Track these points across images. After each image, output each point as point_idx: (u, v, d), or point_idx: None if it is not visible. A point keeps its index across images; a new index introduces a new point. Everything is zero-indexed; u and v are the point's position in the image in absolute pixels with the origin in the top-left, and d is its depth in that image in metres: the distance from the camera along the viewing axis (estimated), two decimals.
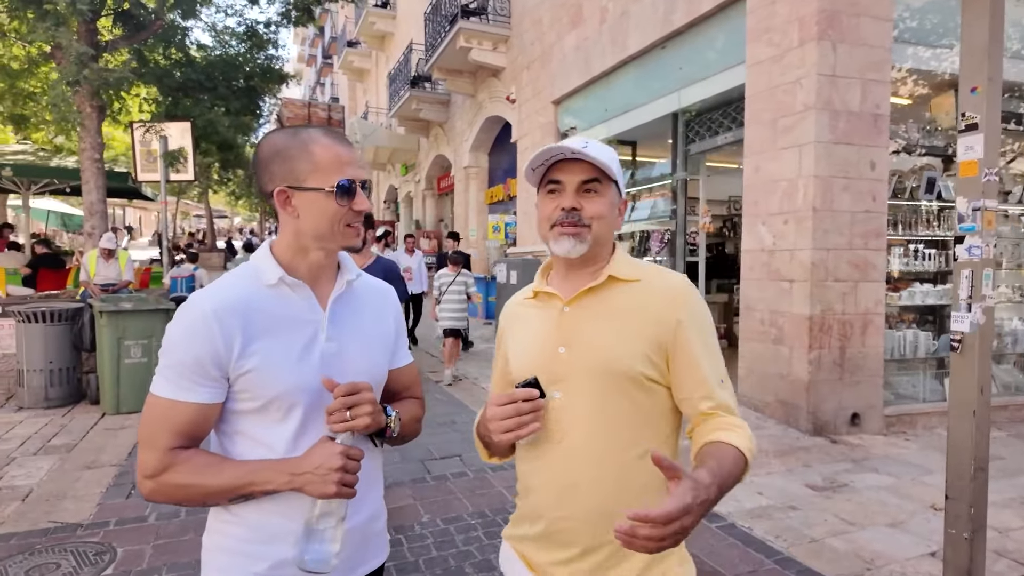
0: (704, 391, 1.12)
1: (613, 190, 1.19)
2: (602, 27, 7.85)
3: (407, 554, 3.00)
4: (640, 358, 1.12)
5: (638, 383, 1.12)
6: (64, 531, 3.21)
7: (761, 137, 5.28)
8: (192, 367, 1.05)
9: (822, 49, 4.71)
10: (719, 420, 1.10)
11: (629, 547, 0.86)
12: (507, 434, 1.08)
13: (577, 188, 1.15)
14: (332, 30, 32.16)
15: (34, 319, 5.60)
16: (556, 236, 1.16)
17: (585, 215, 1.15)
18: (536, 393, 1.08)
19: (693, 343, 1.13)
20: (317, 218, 1.12)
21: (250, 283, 1.13)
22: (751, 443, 1.08)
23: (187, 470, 1.06)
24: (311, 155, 1.11)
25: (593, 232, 1.16)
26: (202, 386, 1.06)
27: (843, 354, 4.88)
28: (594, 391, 1.13)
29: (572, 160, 1.15)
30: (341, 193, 1.11)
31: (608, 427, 1.13)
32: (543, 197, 1.20)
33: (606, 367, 1.12)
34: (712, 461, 1.00)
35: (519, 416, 1.07)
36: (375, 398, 1.13)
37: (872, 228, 4.94)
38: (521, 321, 1.28)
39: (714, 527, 3.29)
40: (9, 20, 8.58)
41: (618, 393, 1.12)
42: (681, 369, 1.13)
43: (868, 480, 3.97)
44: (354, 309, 1.22)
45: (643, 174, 8.25)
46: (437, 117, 15.02)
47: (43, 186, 11.91)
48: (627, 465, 1.12)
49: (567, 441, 1.14)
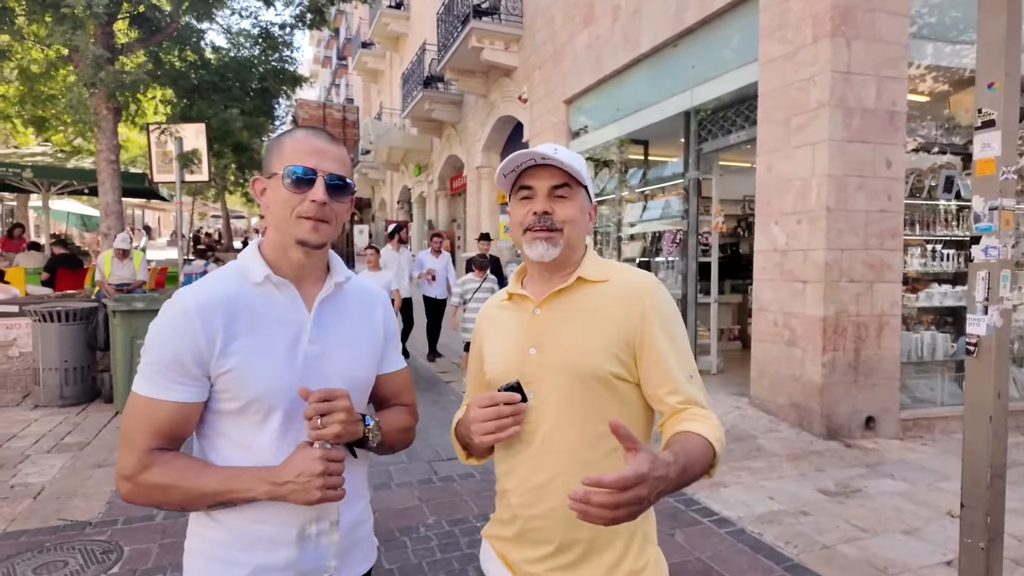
0: (670, 386, 1.13)
1: (583, 195, 1.22)
2: (614, 26, 7.80)
3: (411, 556, 2.99)
4: (607, 357, 1.14)
5: (606, 382, 1.14)
6: (73, 529, 3.24)
7: (774, 136, 5.20)
8: (173, 365, 1.04)
9: (836, 46, 4.62)
10: (687, 412, 1.12)
11: (584, 517, 0.86)
12: (487, 436, 1.10)
13: (548, 193, 1.18)
14: (347, 31, 32.36)
15: (50, 318, 5.68)
16: (529, 240, 1.18)
17: (557, 219, 1.17)
18: (518, 397, 1.10)
19: (659, 339, 1.14)
20: (275, 207, 1.11)
21: (236, 280, 1.12)
22: (719, 434, 1.08)
23: (166, 472, 1.04)
24: (281, 145, 1.13)
25: (565, 236, 1.18)
26: (182, 385, 1.05)
27: (858, 356, 4.79)
28: (564, 391, 1.15)
29: (543, 166, 1.18)
30: (289, 179, 1.08)
31: (578, 426, 1.15)
32: (515, 203, 1.22)
33: (574, 367, 1.14)
34: (676, 446, 1.01)
35: (500, 419, 1.09)
36: (350, 406, 1.09)
37: (888, 228, 4.84)
38: (495, 323, 1.30)
39: (723, 532, 3.24)
40: (28, 23, 8.71)
41: (587, 392, 1.14)
42: (648, 365, 1.15)
43: (882, 486, 3.88)
44: (341, 311, 1.20)
45: (655, 173, 8.17)
46: (450, 117, 15.03)
47: (62, 187, 12.10)
48: (597, 463, 1.13)
49: (538, 441, 1.16)
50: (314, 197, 1.09)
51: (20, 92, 11.25)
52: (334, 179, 1.11)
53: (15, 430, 4.97)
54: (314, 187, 1.09)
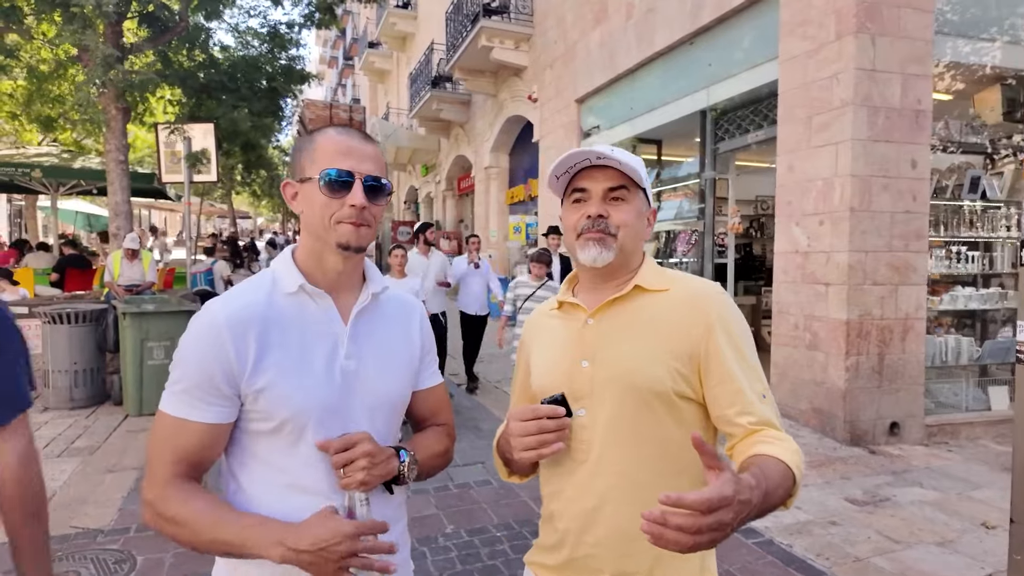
0: (742, 405, 1.02)
1: (640, 198, 1.13)
2: (628, 24, 7.70)
3: (431, 568, 2.90)
4: (668, 372, 1.04)
5: (666, 399, 1.05)
6: (85, 537, 3.17)
7: (795, 135, 5.09)
8: (202, 383, 0.96)
9: (860, 42, 4.51)
10: (762, 433, 1.01)
11: (658, 542, 0.74)
12: (528, 452, 1.00)
13: (603, 195, 1.10)
14: (353, 31, 32.34)
15: (59, 320, 5.62)
16: (582, 244, 1.10)
17: (612, 223, 1.09)
18: (562, 411, 1.00)
19: (727, 354, 1.04)
20: (311, 212, 1.03)
21: (268, 291, 1.04)
22: (799, 459, 0.97)
23: (181, 507, 0.95)
24: (313, 144, 1.05)
25: (620, 241, 1.09)
26: (212, 405, 0.97)
27: (882, 361, 4.68)
28: (619, 408, 1.06)
29: (597, 167, 1.09)
30: (326, 183, 1.00)
31: (632, 446, 1.05)
32: (568, 207, 1.14)
33: (631, 382, 1.05)
34: (756, 469, 0.90)
35: (542, 434, 0.99)
36: (371, 450, 1.00)
37: (913, 229, 4.73)
38: (545, 332, 1.21)
39: (751, 543, 3.14)
40: (36, 23, 8.67)
41: (645, 410, 1.05)
42: (715, 383, 1.04)
43: (911, 494, 3.78)
44: (378, 324, 1.12)
45: (669, 173, 8.08)
46: (458, 117, 14.95)
47: (71, 187, 12.07)
48: (655, 486, 1.02)
49: (591, 461, 1.07)
50: (353, 202, 1.01)
51: (28, 91, 11.21)
52: (371, 180, 1.03)
53: None
54: (352, 191, 1.01)
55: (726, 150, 6.47)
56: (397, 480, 1.08)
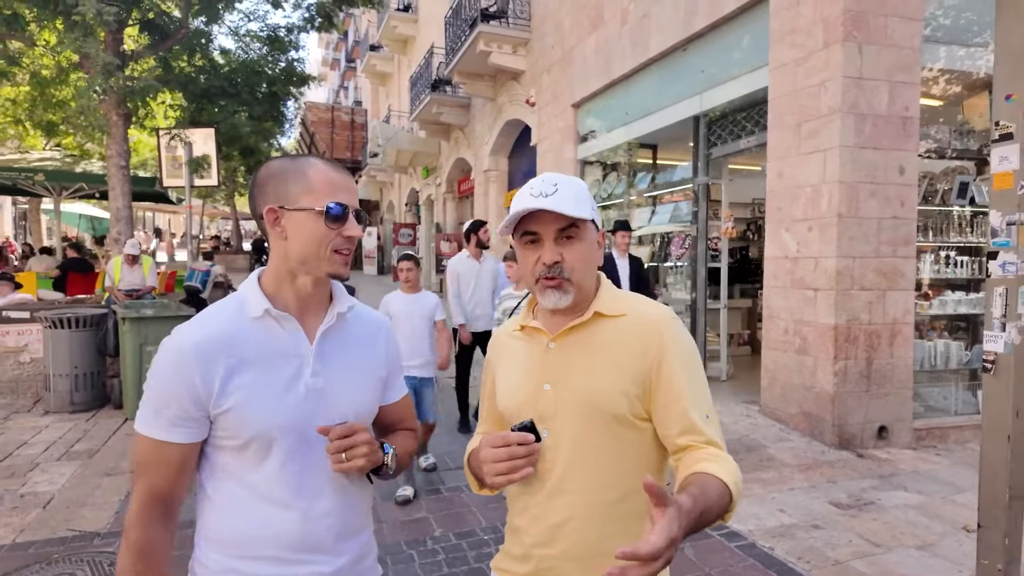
0: (685, 425, 1.08)
1: (590, 228, 1.17)
2: (623, 29, 7.76)
3: (418, 570, 2.97)
4: (624, 394, 1.10)
5: (625, 421, 1.11)
6: (82, 540, 3.24)
7: (785, 141, 5.14)
8: (172, 406, 1.04)
9: (848, 51, 4.57)
10: (703, 451, 1.06)
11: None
12: (500, 477, 1.06)
13: (555, 237, 1.13)
14: (355, 34, 32.46)
15: (60, 324, 5.71)
16: (541, 290, 1.14)
17: (566, 267, 1.12)
18: (531, 438, 1.06)
19: (676, 377, 1.10)
20: (305, 240, 1.09)
21: (234, 315, 1.10)
22: (736, 477, 1.03)
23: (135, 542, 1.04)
24: (306, 176, 1.10)
25: (575, 282, 1.14)
26: (181, 426, 1.05)
27: (870, 365, 4.73)
28: (580, 429, 1.11)
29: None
30: (331, 216, 1.08)
31: (594, 465, 1.11)
32: (521, 247, 1.17)
33: (591, 404, 1.11)
34: (695, 488, 0.96)
35: (512, 460, 1.05)
36: (370, 438, 1.10)
37: (900, 235, 4.78)
38: (508, 354, 1.26)
39: (733, 546, 3.20)
40: (39, 30, 8.78)
41: (604, 430, 1.11)
42: (662, 404, 1.10)
43: (896, 498, 3.83)
44: (343, 343, 1.18)
45: (664, 178, 8.12)
46: (457, 120, 15.03)
47: (74, 191, 12.20)
48: (614, 503, 1.11)
49: (554, 480, 1.13)
50: (350, 233, 1.10)
51: (31, 96, 11.35)
52: (357, 213, 1.13)
53: (26, 437, 5.00)
54: (347, 223, 1.10)
55: (719, 155, 6.52)
56: (379, 471, 1.16)
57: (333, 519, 1.12)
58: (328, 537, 1.11)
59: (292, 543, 1.08)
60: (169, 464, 1.06)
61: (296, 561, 1.08)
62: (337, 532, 1.12)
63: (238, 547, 1.08)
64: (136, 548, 1.04)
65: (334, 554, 1.12)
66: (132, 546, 1.04)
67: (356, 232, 1.11)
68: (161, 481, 1.06)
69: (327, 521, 1.11)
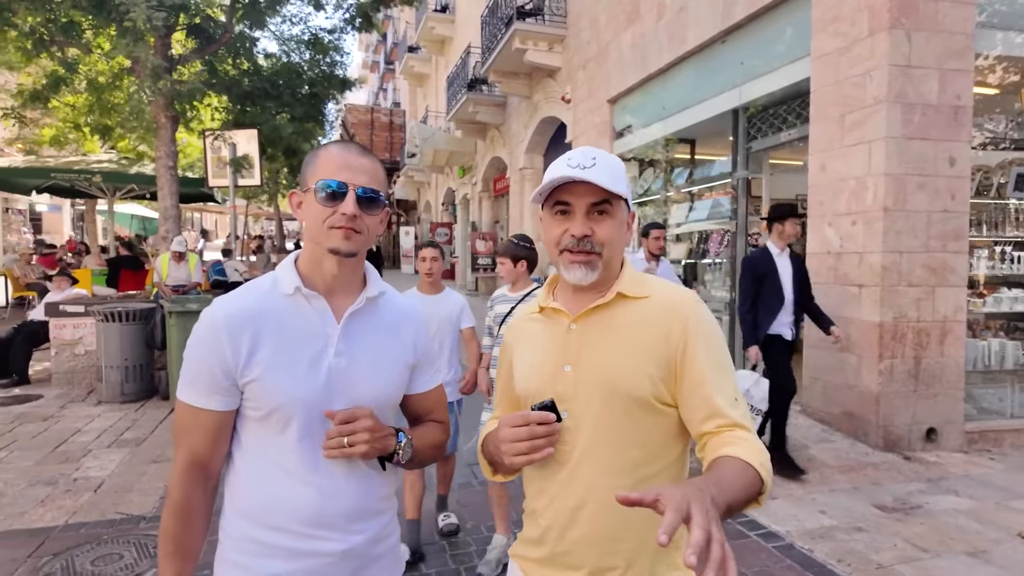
0: (711, 410, 1.05)
1: (622, 207, 1.14)
2: (659, 23, 7.65)
3: (449, 561, 2.99)
4: (647, 378, 1.08)
5: (646, 404, 1.08)
6: (129, 523, 3.37)
7: (828, 133, 4.99)
8: (205, 375, 1.09)
9: (894, 38, 4.40)
10: (728, 435, 1.03)
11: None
12: (519, 457, 1.04)
13: (586, 210, 1.10)
14: (394, 36, 32.90)
15: (112, 318, 5.95)
16: (567, 263, 1.12)
17: (596, 241, 1.10)
18: (552, 417, 1.04)
19: (701, 361, 1.07)
20: (311, 219, 1.13)
21: (266, 292, 1.15)
22: (764, 458, 0.99)
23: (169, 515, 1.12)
24: (316, 160, 1.15)
25: (604, 258, 1.12)
26: (215, 394, 1.10)
27: (918, 364, 4.55)
28: (600, 411, 1.09)
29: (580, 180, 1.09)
30: (322, 192, 1.11)
31: (615, 448, 1.09)
32: (550, 217, 1.14)
33: (612, 387, 1.08)
34: (711, 472, 0.94)
35: (533, 440, 1.03)
36: (373, 424, 1.11)
37: (951, 229, 4.58)
38: (527, 337, 1.24)
39: (770, 547, 3.12)
40: (94, 37, 9.17)
41: (626, 414, 1.08)
42: (688, 388, 1.08)
43: (945, 502, 3.67)
44: (371, 327, 1.20)
45: (702, 173, 7.98)
46: (493, 119, 15.07)
47: (126, 192, 12.71)
48: (633, 487, 1.05)
49: (573, 462, 1.11)
50: (344, 210, 1.10)
51: (88, 102, 11.86)
52: (366, 192, 1.12)
53: (80, 425, 5.23)
54: (345, 200, 1.11)
55: (759, 149, 6.37)
56: (391, 458, 1.17)
57: (347, 499, 1.14)
58: (341, 516, 1.13)
59: (308, 518, 1.10)
60: (206, 430, 1.10)
61: (311, 536, 1.11)
62: (351, 512, 1.14)
63: (257, 515, 1.11)
64: (175, 508, 1.11)
65: (348, 532, 1.14)
66: (172, 506, 1.11)
67: (349, 208, 1.10)
68: (199, 447, 1.11)
69: (341, 500, 1.13)
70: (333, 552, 1.12)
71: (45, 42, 8.37)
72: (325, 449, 1.09)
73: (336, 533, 1.13)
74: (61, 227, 23.14)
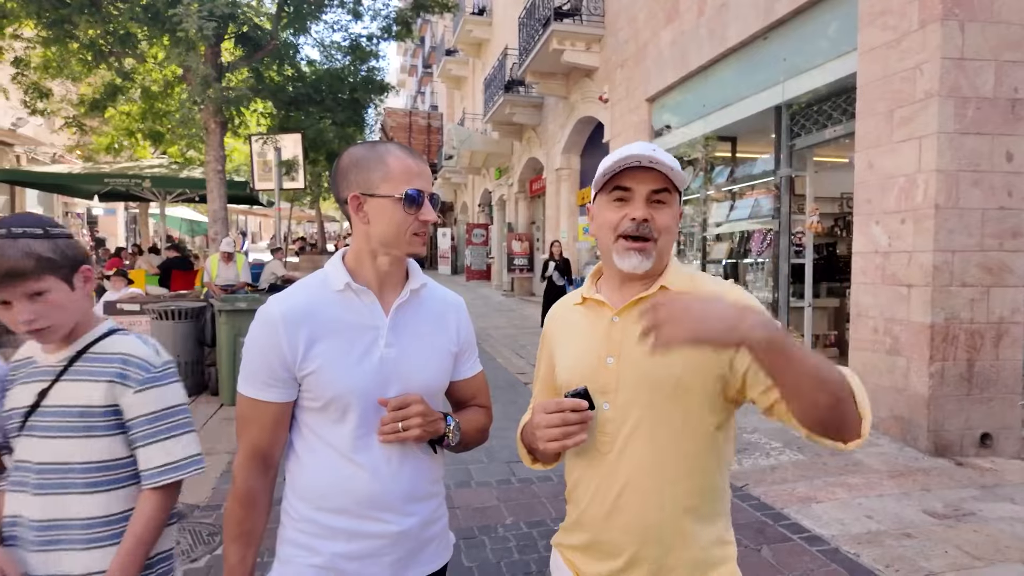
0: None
1: (677, 200, 1.15)
2: (699, 20, 7.57)
3: (489, 555, 3.03)
4: (690, 371, 1.08)
5: (689, 396, 1.09)
6: (183, 511, 3.52)
7: (875, 129, 4.86)
8: (264, 368, 1.15)
9: (947, 30, 4.26)
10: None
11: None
12: (553, 443, 1.06)
13: (647, 197, 1.11)
14: (432, 40, 33.28)
15: (165, 316, 6.21)
16: (622, 250, 1.12)
17: (655, 227, 1.10)
18: (584, 404, 1.06)
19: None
20: (386, 224, 1.17)
21: (318, 289, 1.20)
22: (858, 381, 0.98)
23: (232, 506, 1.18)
24: (385, 165, 1.17)
25: (659, 246, 1.12)
26: (273, 387, 1.16)
27: (971, 367, 4.39)
28: (643, 404, 1.10)
29: (642, 168, 1.10)
30: (409, 202, 1.15)
31: (656, 440, 1.10)
32: (607, 203, 1.14)
33: (656, 381, 1.09)
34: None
35: (566, 426, 1.05)
36: (426, 410, 1.16)
37: (1008, 227, 4.40)
38: (569, 327, 1.25)
39: (814, 550, 3.07)
40: (149, 47, 9.58)
41: (668, 407, 1.10)
42: (752, 371, 1.05)
43: (1000, 510, 3.53)
44: (417, 317, 1.25)
45: (743, 171, 7.85)
46: (530, 120, 15.12)
47: (177, 195, 13.21)
48: (673, 480, 1.10)
49: (614, 453, 1.12)
50: (427, 218, 1.18)
51: (142, 110, 12.40)
52: (434, 199, 1.21)
53: None
54: (424, 208, 1.17)
55: (803, 146, 6.24)
56: (441, 441, 1.23)
57: (401, 482, 1.19)
58: (397, 498, 1.18)
59: (364, 500, 1.16)
60: (265, 421, 1.17)
61: (368, 517, 1.17)
62: (405, 494, 1.20)
63: (317, 499, 1.17)
64: (239, 495, 1.18)
65: (404, 514, 1.19)
66: (236, 493, 1.18)
67: (431, 216, 1.19)
68: (259, 437, 1.18)
69: (396, 483, 1.18)
70: (390, 533, 1.18)
71: (104, 53, 8.78)
72: (380, 435, 1.15)
73: (392, 515, 1.18)
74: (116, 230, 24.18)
